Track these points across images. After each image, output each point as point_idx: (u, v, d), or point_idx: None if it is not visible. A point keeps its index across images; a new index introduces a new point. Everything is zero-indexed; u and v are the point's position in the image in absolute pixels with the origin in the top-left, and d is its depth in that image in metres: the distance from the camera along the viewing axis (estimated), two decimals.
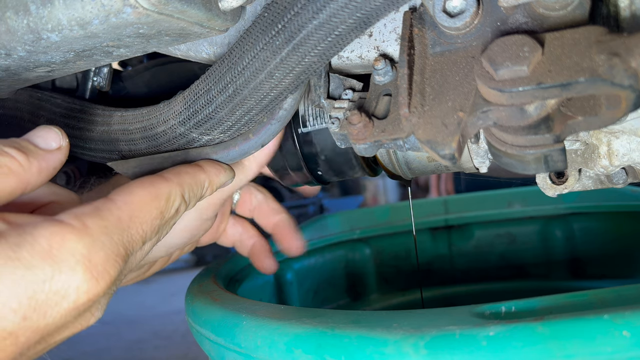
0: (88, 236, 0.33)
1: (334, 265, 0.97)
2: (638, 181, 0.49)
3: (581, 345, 0.34)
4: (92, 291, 0.33)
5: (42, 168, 0.36)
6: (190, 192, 0.43)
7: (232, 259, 0.75)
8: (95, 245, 0.33)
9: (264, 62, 0.40)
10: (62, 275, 0.31)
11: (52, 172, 0.37)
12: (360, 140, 0.41)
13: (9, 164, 0.34)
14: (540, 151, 0.35)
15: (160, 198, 0.39)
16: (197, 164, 0.46)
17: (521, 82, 0.32)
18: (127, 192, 0.38)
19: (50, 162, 0.36)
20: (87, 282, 0.32)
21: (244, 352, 0.46)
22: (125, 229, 0.36)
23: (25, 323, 0.30)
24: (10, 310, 0.30)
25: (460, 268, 1.03)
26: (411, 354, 0.36)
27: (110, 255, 0.34)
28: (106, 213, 0.35)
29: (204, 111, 0.45)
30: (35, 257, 0.31)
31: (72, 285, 0.32)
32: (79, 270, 0.32)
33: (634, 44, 0.30)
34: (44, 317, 0.31)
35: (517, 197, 1.01)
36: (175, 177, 0.42)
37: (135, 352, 2.11)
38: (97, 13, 0.35)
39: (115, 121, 0.51)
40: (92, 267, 0.33)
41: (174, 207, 0.41)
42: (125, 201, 0.37)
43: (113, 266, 0.34)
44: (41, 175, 0.36)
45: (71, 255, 0.32)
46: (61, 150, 0.37)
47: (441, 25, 0.38)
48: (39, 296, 0.31)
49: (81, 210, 0.34)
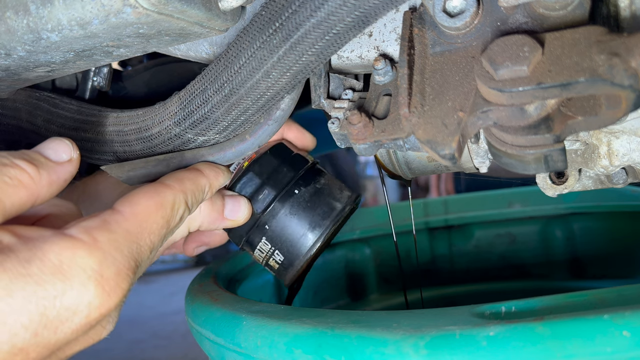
0: (99, 251, 0.33)
1: (334, 265, 0.97)
2: (638, 181, 0.49)
3: (581, 345, 0.34)
4: (105, 306, 0.32)
5: (53, 181, 0.35)
6: (192, 198, 0.43)
7: (232, 259, 0.75)
8: (106, 260, 0.33)
9: (260, 61, 0.40)
10: (74, 291, 0.31)
11: (62, 184, 0.36)
12: (360, 140, 0.41)
13: (20, 176, 0.33)
14: (540, 151, 0.35)
15: (165, 207, 0.39)
16: (196, 168, 0.45)
17: (521, 82, 0.32)
18: (133, 203, 0.37)
19: (60, 174, 0.36)
20: (98, 297, 0.32)
21: (244, 352, 0.46)
22: (134, 241, 0.35)
23: (36, 339, 0.30)
24: (21, 326, 0.29)
25: (460, 268, 1.03)
26: (411, 354, 0.36)
27: (122, 269, 0.33)
28: (115, 226, 0.35)
29: (199, 111, 0.45)
30: (45, 273, 0.30)
31: (83, 301, 0.31)
32: (91, 286, 0.32)
33: (634, 44, 0.30)
34: (55, 332, 0.31)
35: (517, 197, 1.01)
36: (178, 184, 0.42)
37: (135, 352, 2.11)
38: (97, 13, 0.35)
39: (110, 122, 0.51)
40: (104, 282, 0.32)
41: (178, 214, 0.41)
42: (132, 212, 0.36)
43: (124, 280, 0.34)
44: (51, 188, 0.36)
45: (82, 271, 0.31)
46: (72, 163, 0.37)
47: (441, 25, 0.38)
48: (50, 312, 0.30)
49: (89, 223, 0.34)
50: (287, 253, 0.53)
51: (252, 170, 0.52)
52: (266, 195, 0.52)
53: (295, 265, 0.53)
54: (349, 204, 0.54)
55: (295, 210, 0.52)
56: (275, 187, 0.52)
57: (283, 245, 0.53)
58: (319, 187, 0.54)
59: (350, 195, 0.55)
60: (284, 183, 0.52)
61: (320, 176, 0.55)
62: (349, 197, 0.55)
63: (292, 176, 0.53)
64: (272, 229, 0.52)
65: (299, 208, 0.52)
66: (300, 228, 0.52)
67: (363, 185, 3.52)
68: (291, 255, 0.53)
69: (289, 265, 0.53)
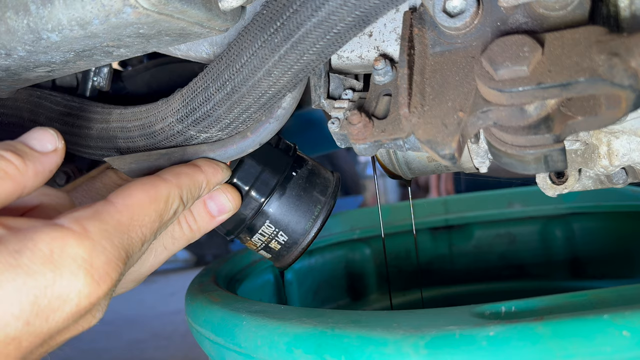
0: (89, 240, 0.33)
1: (334, 265, 0.97)
2: (638, 181, 0.49)
3: (581, 345, 0.34)
4: (94, 295, 0.33)
5: (39, 171, 0.35)
6: (188, 194, 0.43)
7: (232, 259, 0.75)
8: (96, 249, 0.33)
9: (262, 59, 0.40)
10: (64, 280, 0.31)
11: (48, 174, 0.36)
12: (360, 140, 0.41)
13: (5, 167, 0.34)
14: (540, 151, 0.35)
15: (159, 200, 0.39)
16: (195, 164, 0.46)
17: (521, 82, 0.32)
18: (127, 195, 0.37)
19: (46, 164, 0.36)
20: (88, 286, 0.32)
21: (244, 352, 0.46)
22: (125, 232, 0.36)
23: (27, 328, 0.31)
24: (12, 316, 0.30)
25: (460, 268, 1.03)
26: (411, 354, 0.36)
27: (112, 259, 0.34)
28: (106, 216, 0.35)
29: (202, 109, 0.45)
30: (36, 263, 0.31)
31: (73, 290, 0.32)
32: (81, 275, 0.32)
33: (634, 44, 0.30)
34: (46, 321, 0.31)
35: (517, 197, 1.01)
36: (174, 179, 0.42)
37: (135, 352, 2.11)
38: (97, 13, 0.35)
39: (114, 119, 0.51)
40: (94, 271, 0.33)
41: (172, 208, 0.41)
42: (124, 204, 0.37)
43: (114, 269, 0.34)
44: (37, 178, 0.36)
45: (72, 260, 0.32)
46: (57, 152, 0.37)
47: (441, 25, 0.38)
48: (41, 301, 0.31)
49: (80, 213, 0.34)
50: (292, 232, 0.55)
51: (249, 157, 0.53)
52: (267, 180, 0.54)
53: (299, 243, 0.55)
54: (336, 180, 0.58)
55: (296, 192, 0.55)
56: (275, 172, 0.54)
57: (288, 226, 0.55)
58: (310, 169, 0.57)
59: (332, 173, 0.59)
60: (281, 167, 0.55)
61: (306, 159, 0.58)
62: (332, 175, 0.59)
63: (286, 160, 0.55)
64: (275, 212, 0.54)
65: (299, 189, 0.55)
66: (303, 207, 0.55)
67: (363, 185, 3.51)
68: (296, 234, 0.55)
69: (293, 243, 0.55)
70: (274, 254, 0.57)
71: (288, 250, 0.56)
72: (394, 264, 1.01)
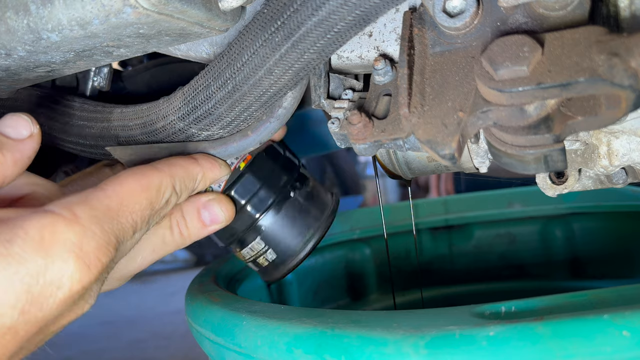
0: (78, 225, 0.33)
1: (334, 265, 0.97)
2: (638, 181, 0.49)
3: (581, 345, 0.34)
4: (85, 279, 0.33)
5: (17, 159, 0.36)
6: (181, 184, 0.43)
7: (232, 259, 0.75)
8: (85, 234, 0.33)
9: (263, 58, 0.41)
10: (55, 266, 0.32)
11: (27, 161, 0.37)
12: (360, 140, 0.41)
13: None
14: (540, 151, 0.35)
15: (150, 188, 0.39)
16: (191, 157, 0.46)
17: (521, 82, 0.32)
18: (118, 182, 0.38)
19: (24, 151, 0.36)
20: (79, 270, 0.32)
21: (244, 352, 0.46)
22: (114, 217, 0.36)
23: (23, 317, 0.31)
24: (7, 306, 0.30)
25: (460, 268, 1.03)
26: (411, 354, 0.36)
27: (102, 243, 0.34)
28: (95, 202, 0.35)
29: (203, 107, 0.45)
30: (27, 251, 0.31)
31: (65, 275, 0.32)
32: (71, 260, 0.32)
33: (634, 44, 0.30)
34: (41, 309, 0.31)
35: (517, 197, 1.01)
36: (167, 168, 0.42)
37: (135, 352, 2.11)
38: (97, 13, 0.35)
39: (115, 117, 0.51)
40: (84, 256, 0.33)
41: (164, 198, 0.41)
42: (114, 190, 0.37)
43: (104, 254, 0.34)
44: (17, 167, 0.36)
45: (62, 245, 0.32)
46: (33, 138, 0.37)
47: (441, 25, 0.38)
48: (34, 289, 0.31)
49: (70, 200, 0.34)
50: (281, 252, 0.55)
51: (250, 172, 0.53)
52: (264, 197, 0.54)
53: (287, 263, 0.55)
54: (334, 205, 0.58)
55: (291, 213, 0.55)
56: (273, 190, 0.54)
57: (278, 245, 0.55)
58: (309, 191, 0.56)
59: (332, 196, 0.59)
60: (280, 186, 0.54)
61: (308, 179, 0.58)
62: (332, 198, 0.59)
63: (286, 179, 0.55)
64: (268, 230, 0.54)
65: (294, 210, 0.55)
66: (296, 229, 0.55)
67: (363, 185, 3.51)
68: (285, 254, 0.55)
69: (281, 263, 0.55)
70: (261, 269, 0.57)
71: (275, 268, 0.56)
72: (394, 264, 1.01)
